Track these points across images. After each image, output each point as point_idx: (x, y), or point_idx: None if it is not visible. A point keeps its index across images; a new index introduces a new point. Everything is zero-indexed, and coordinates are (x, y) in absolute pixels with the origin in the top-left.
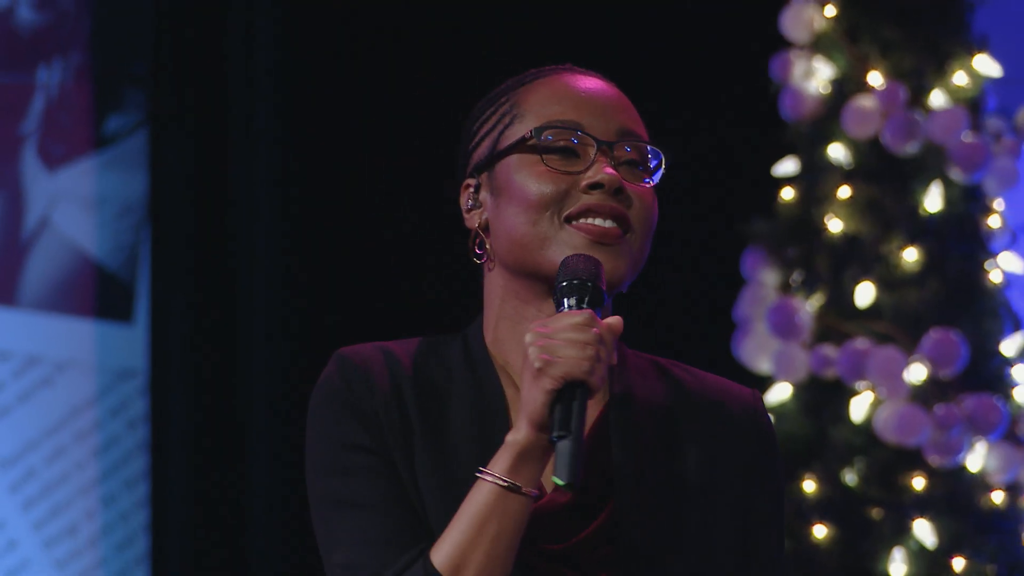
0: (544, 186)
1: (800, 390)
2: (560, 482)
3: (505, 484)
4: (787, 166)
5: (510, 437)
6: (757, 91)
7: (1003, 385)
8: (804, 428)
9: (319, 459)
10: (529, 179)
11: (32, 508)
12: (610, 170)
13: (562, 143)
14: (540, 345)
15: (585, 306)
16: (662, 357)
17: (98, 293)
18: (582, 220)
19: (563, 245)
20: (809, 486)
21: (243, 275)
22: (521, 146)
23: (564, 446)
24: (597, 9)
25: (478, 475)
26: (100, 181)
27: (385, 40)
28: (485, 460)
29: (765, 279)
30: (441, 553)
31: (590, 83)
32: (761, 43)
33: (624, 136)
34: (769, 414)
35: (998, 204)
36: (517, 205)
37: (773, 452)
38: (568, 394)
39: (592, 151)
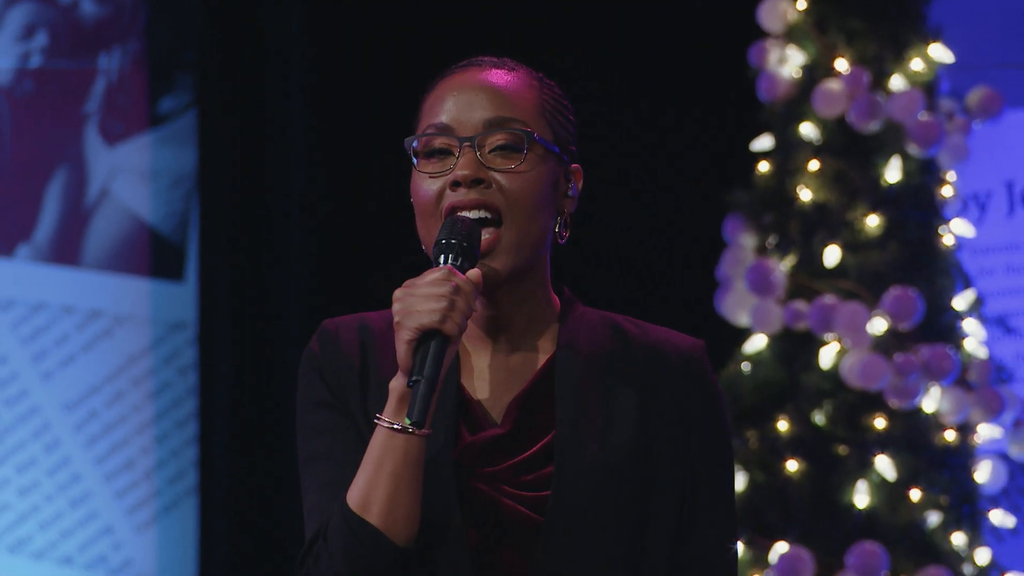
0: (422, 192)
1: (775, 341)
2: (408, 421)
3: (388, 426)
4: (763, 142)
5: (392, 383)
6: (737, 76)
7: (955, 336)
8: (778, 375)
9: (298, 419)
10: (415, 187)
11: (94, 445)
12: (465, 167)
13: (435, 145)
14: (399, 300)
15: (451, 263)
16: (617, 314)
17: (152, 255)
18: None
19: None
20: (783, 426)
21: (279, 238)
22: (410, 154)
23: (416, 388)
24: (602, 7)
25: (375, 421)
26: (154, 156)
27: (407, 32)
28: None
29: (744, 242)
30: (352, 494)
31: (468, 78)
32: (740, 33)
33: (490, 126)
34: (708, 361)
35: (951, 176)
36: (415, 211)
37: (713, 395)
38: (425, 342)
39: (458, 148)
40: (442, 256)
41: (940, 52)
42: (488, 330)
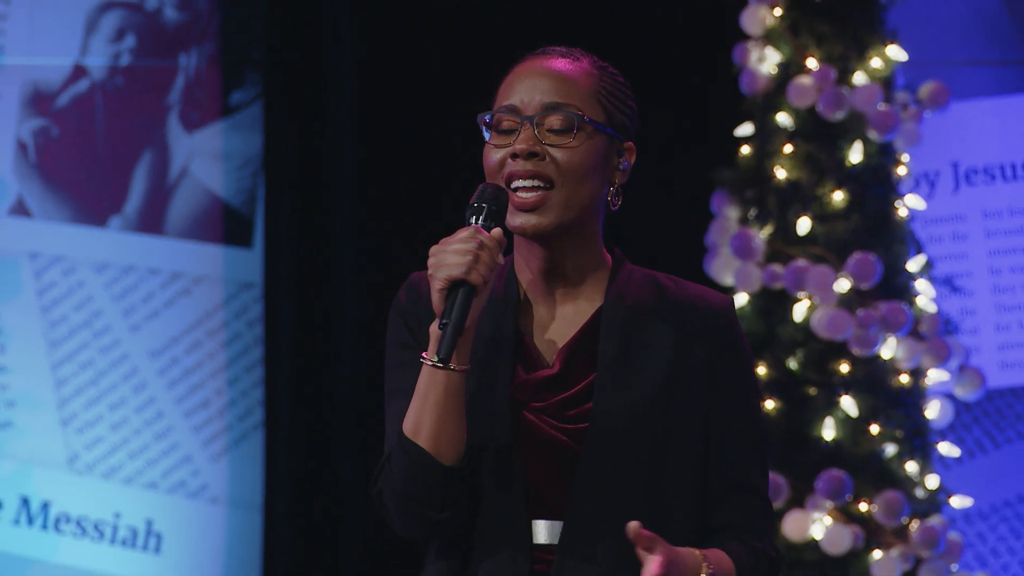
0: (490, 159)
1: (755, 298)
2: (435, 357)
3: (430, 363)
4: (745, 129)
5: (431, 327)
6: (723, 72)
7: (908, 294)
8: (758, 327)
9: (386, 357)
10: (485, 155)
11: (175, 387)
12: (523, 142)
13: (502, 123)
14: (433, 255)
15: (478, 222)
16: (660, 272)
17: (224, 225)
18: (512, 185)
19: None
20: (761, 370)
21: (333, 209)
22: (483, 129)
23: (444, 331)
24: (609, 10)
25: (421, 360)
26: (226, 140)
27: (443, 30)
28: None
29: (728, 214)
30: (406, 422)
31: (535, 66)
32: (726, 36)
33: (548, 109)
34: (737, 316)
35: (905, 158)
36: (485, 174)
37: (737, 343)
38: (454, 290)
39: (519, 125)
40: (471, 217)
41: (896, 52)
42: (546, 280)
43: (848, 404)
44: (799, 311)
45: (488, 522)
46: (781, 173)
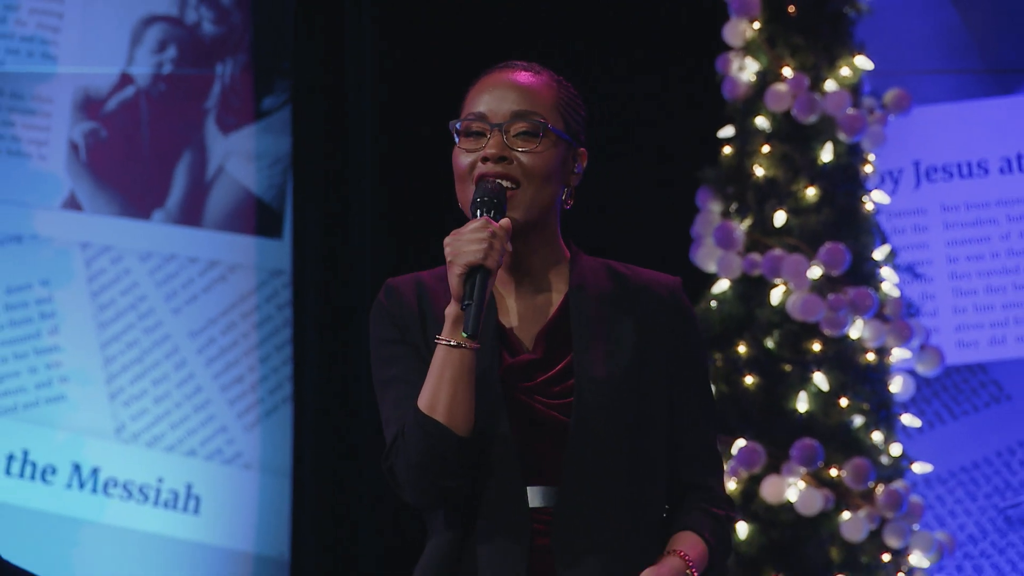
0: (460, 161)
1: (735, 284)
2: (465, 334)
3: (445, 343)
4: (727, 131)
5: (447, 311)
6: (707, 80)
7: (874, 280)
8: (738, 310)
9: (372, 354)
10: (455, 158)
11: (212, 363)
12: (493, 146)
13: (472, 128)
14: (449, 244)
15: (484, 214)
16: (611, 260)
17: (257, 218)
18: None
19: None
20: (742, 349)
21: (356, 204)
22: (454, 134)
23: (468, 310)
24: (599, 15)
25: (435, 342)
26: (258, 141)
27: (458, 42)
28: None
29: (712, 208)
30: (422, 399)
31: (501, 77)
32: (710, 47)
33: (515, 117)
34: (686, 294)
35: (871, 157)
36: (454, 176)
37: (690, 317)
38: (472, 275)
39: (489, 131)
40: (479, 211)
41: (863, 62)
42: (514, 275)
43: (820, 380)
44: (775, 296)
45: (488, 492)
46: (759, 171)
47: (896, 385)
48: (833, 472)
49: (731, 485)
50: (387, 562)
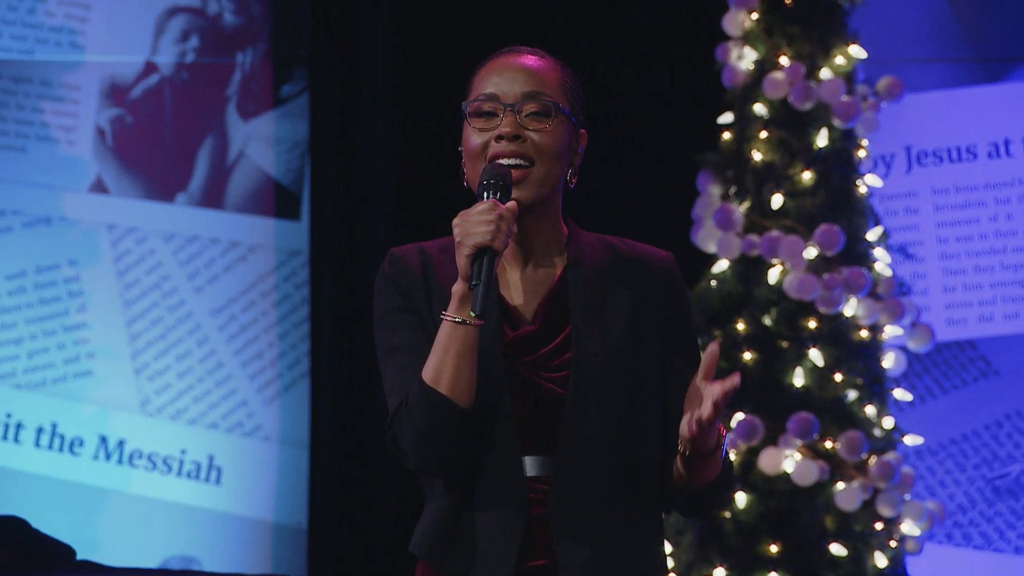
0: (472, 141)
1: (734, 264)
2: (473, 313)
3: (451, 319)
4: (726, 117)
5: (454, 288)
6: (708, 68)
7: (868, 261)
8: (738, 289)
9: (376, 321)
10: (466, 137)
11: (233, 340)
12: (507, 126)
13: (483, 109)
14: (458, 225)
15: (492, 197)
16: (608, 235)
17: (276, 200)
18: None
19: None
20: (740, 327)
21: (370, 187)
22: (464, 114)
23: (476, 290)
24: (605, 8)
25: (441, 317)
26: (277, 127)
27: (467, 34)
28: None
29: (712, 191)
30: (426, 372)
31: (511, 60)
32: (710, 37)
33: (527, 97)
34: (678, 267)
35: (864, 142)
36: (464, 155)
37: (681, 289)
38: (479, 256)
39: (502, 111)
40: (486, 193)
41: (857, 51)
42: (517, 251)
43: (815, 355)
44: (773, 275)
45: (487, 461)
46: (757, 156)
47: (888, 361)
48: (828, 444)
49: (731, 457)
50: (402, 531)
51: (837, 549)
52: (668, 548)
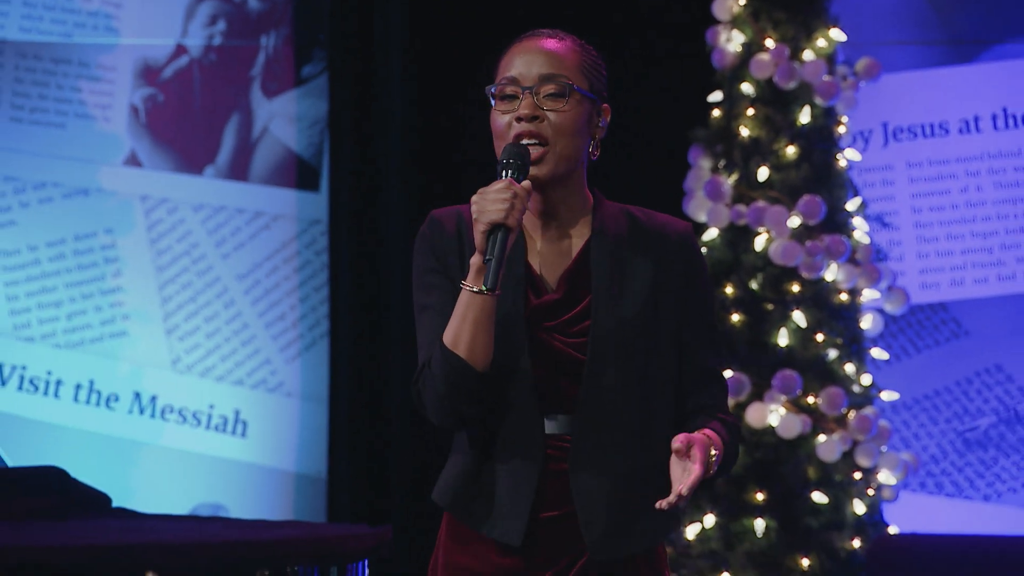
0: (497, 122)
1: (723, 232)
2: (484, 287)
3: (469, 289)
4: (716, 96)
5: (472, 260)
6: (698, 50)
7: (847, 229)
8: (726, 255)
9: (414, 280)
10: (492, 119)
11: (258, 303)
12: (526, 107)
13: (506, 92)
14: (475, 203)
15: (510, 176)
16: (630, 205)
17: (297, 173)
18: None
19: None
20: (729, 290)
21: (384, 162)
22: (490, 97)
23: (489, 264)
24: (616, 8)
25: (460, 286)
26: (298, 105)
27: (479, 22)
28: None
29: (702, 164)
30: (446, 335)
31: (530, 44)
32: (702, 21)
33: (544, 80)
34: (696, 239)
35: (844, 119)
36: (493, 135)
37: (699, 260)
38: (494, 232)
39: (521, 94)
40: (503, 172)
41: (837, 34)
42: (544, 221)
43: (799, 317)
44: (759, 242)
45: (508, 419)
46: (744, 131)
47: (866, 322)
48: (810, 400)
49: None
50: (414, 480)
51: (819, 497)
52: None
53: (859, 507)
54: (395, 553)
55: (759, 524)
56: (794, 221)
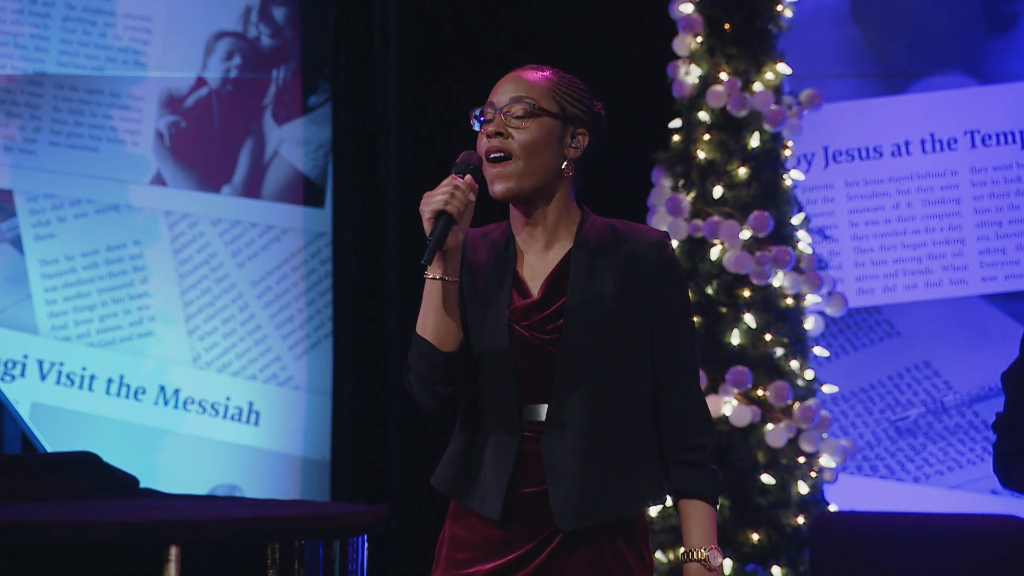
0: (478, 141)
1: (682, 243)
2: (423, 262)
3: (429, 277)
4: (676, 122)
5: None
6: (661, 82)
7: (792, 241)
8: (685, 264)
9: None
10: (478, 138)
11: (269, 306)
12: (493, 126)
13: (485, 115)
14: (424, 200)
15: (453, 173)
16: (614, 219)
17: (304, 191)
18: (488, 158)
19: None
20: (688, 295)
21: (383, 182)
22: (475, 121)
23: (429, 244)
24: (585, 47)
25: (424, 276)
26: (305, 131)
27: (476, 49)
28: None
29: (664, 183)
30: (418, 322)
31: (510, 75)
32: (663, 57)
33: (512, 101)
34: (672, 247)
35: (790, 143)
36: None
37: (673, 267)
38: (437, 220)
39: (492, 114)
40: (453, 171)
41: (783, 68)
42: (530, 232)
43: (749, 319)
44: (714, 253)
45: (492, 407)
46: (701, 154)
47: (809, 323)
48: (759, 392)
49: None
50: (411, 464)
51: (767, 479)
52: None
53: (803, 488)
54: (391, 529)
55: None
56: (745, 234)
